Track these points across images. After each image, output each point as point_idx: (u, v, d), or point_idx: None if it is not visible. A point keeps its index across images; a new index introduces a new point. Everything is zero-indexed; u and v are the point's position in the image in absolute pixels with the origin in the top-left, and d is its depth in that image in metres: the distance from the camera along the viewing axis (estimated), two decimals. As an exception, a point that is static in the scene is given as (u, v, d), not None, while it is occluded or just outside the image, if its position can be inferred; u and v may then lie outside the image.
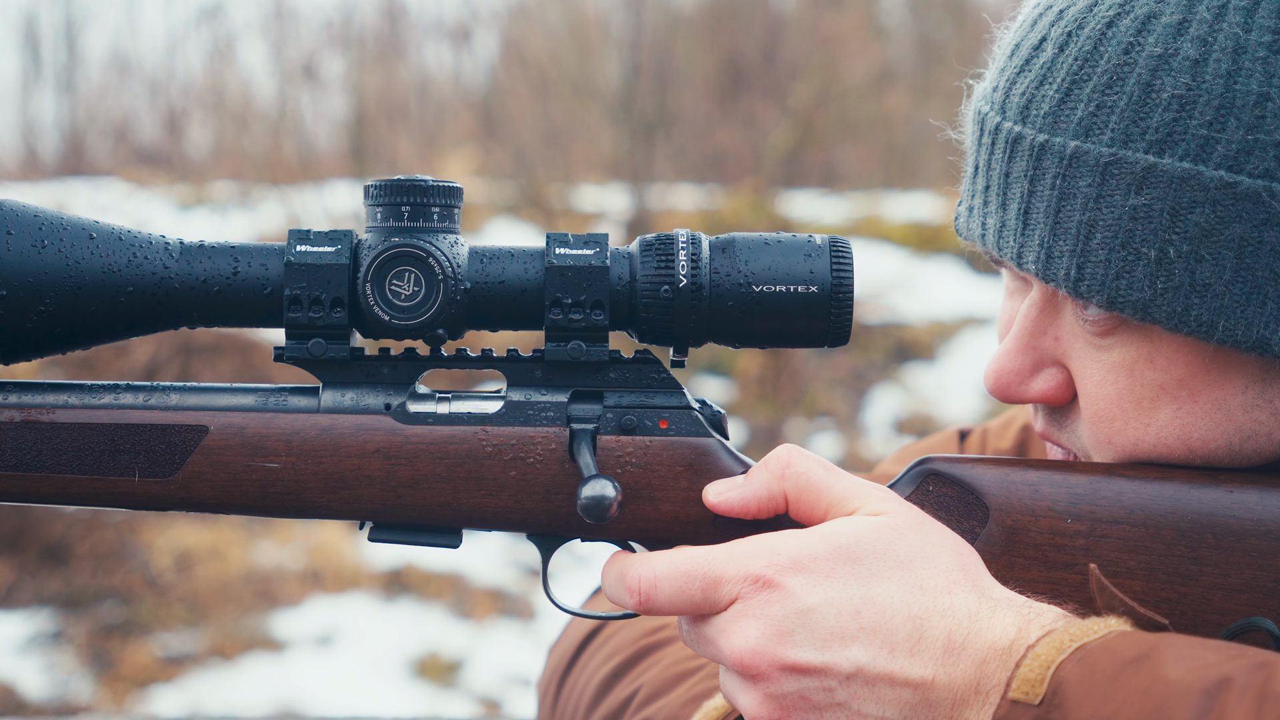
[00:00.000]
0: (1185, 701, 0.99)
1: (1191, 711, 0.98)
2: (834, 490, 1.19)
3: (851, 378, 7.47)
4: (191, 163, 9.73)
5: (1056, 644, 1.07)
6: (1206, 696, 0.99)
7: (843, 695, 1.12)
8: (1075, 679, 1.03)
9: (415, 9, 10.58)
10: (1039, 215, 1.23)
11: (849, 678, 1.12)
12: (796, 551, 1.15)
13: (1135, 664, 1.02)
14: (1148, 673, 1.01)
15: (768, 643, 1.13)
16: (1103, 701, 1.01)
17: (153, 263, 1.24)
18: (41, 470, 1.24)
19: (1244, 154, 1.15)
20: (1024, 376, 1.30)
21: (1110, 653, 1.04)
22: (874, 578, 1.14)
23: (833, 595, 1.13)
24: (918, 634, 1.12)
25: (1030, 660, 1.06)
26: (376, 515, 1.26)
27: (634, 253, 1.25)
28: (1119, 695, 1.01)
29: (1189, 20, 1.18)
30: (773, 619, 1.13)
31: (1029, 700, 1.04)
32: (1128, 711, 1.00)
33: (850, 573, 1.14)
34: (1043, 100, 1.23)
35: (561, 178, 8.99)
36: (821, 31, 9.28)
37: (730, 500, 1.22)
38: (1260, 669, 1.00)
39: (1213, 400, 1.22)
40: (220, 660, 5.53)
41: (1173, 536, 1.21)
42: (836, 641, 1.12)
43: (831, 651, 1.12)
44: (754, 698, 1.14)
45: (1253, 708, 0.97)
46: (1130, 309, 1.19)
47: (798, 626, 1.12)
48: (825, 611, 1.13)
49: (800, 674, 1.12)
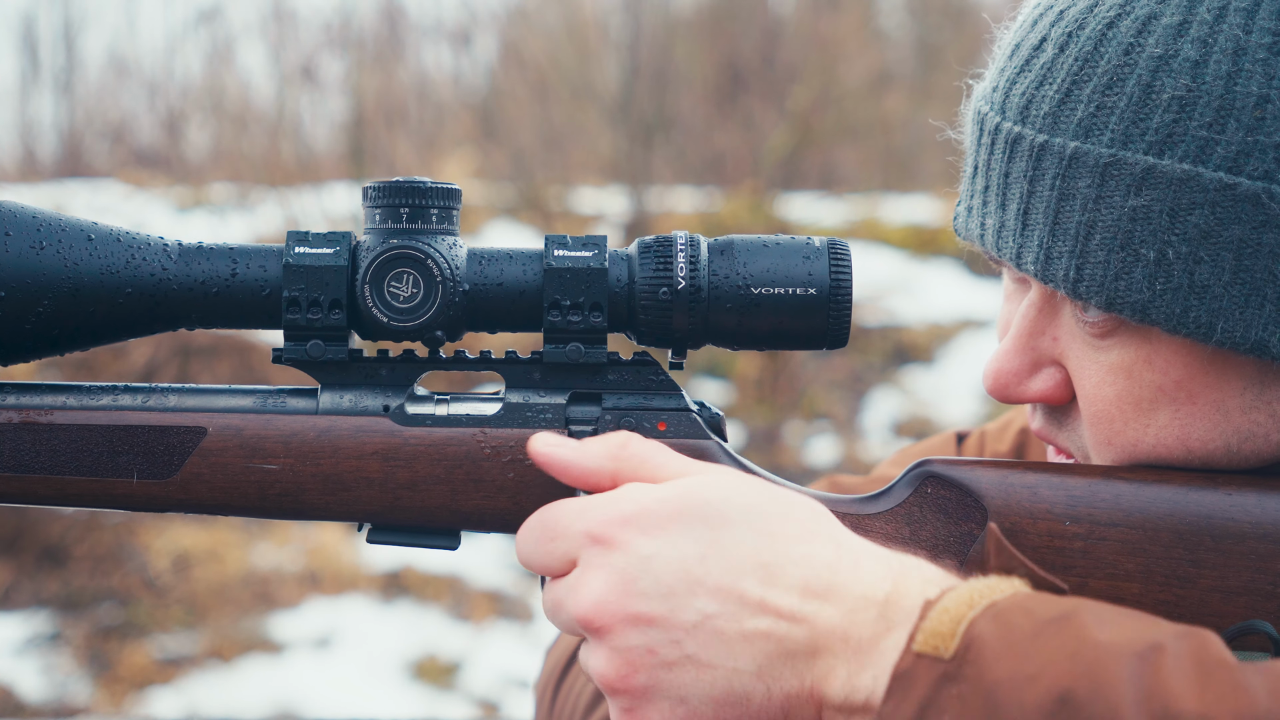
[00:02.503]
0: (1119, 663, 0.96)
1: (1126, 673, 0.95)
2: (669, 466, 1.16)
3: (850, 380, 7.47)
4: (190, 164, 9.72)
5: (966, 599, 1.03)
6: (1140, 660, 0.96)
7: (691, 647, 1.08)
8: (992, 636, 0.99)
9: (414, 11, 10.59)
10: (1038, 216, 1.23)
11: (695, 627, 1.08)
12: (639, 504, 1.11)
13: (1057, 624, 0.99)
14: (1073, 634, 0.98)
15: (611, 593, 1.09)
16: (1023, 660, 0.97)
17: (151, 264, 1.24)
18: (40, 471, 1.24)
19: (1244, 155, 1.15)
20: (1022, 377, 1.30)
21: (1027, 612, 1.00)
22: (722, 526, 1.10)
23: (678, 543, 1.09)
24: (769, 581, 1.08)
25: (938, 614, 1.02)
26: (375, 517, 1.26)
27: (632, 255, 1.25)
28: (1042, 655, 0.97)
29: (1189, 21, 1.17)
30: (616, 569, 1.09)
31: (938, 655, 1.00)
32: (1054, 671, 0.96)
33: (696, 521, 1.10)
34: (1043, 101, 1.23)
35: (560, 180, 9.00)
36: (820, 34, 9.29)
37: (556, 455, 1.17)
38: (1187, 636, 0.98)
39: (1211, 402, 1.22)
40: (218, 662, 5.53)
41: (1171, 539, 1.21)
42: (682, 590, 1.08)
43: (677, 600, 1.08)
44: (601, 655, 1.10)
45: (1192, 674, 0.94)
46: (1129, 310, 1.19)
47: (641, 575, 1.09)
48: (669, 560, 1.09)
49: (645, 625, 1.08)
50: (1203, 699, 0.93)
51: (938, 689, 0.99)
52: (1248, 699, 0.92)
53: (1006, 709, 0.96)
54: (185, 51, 10.14)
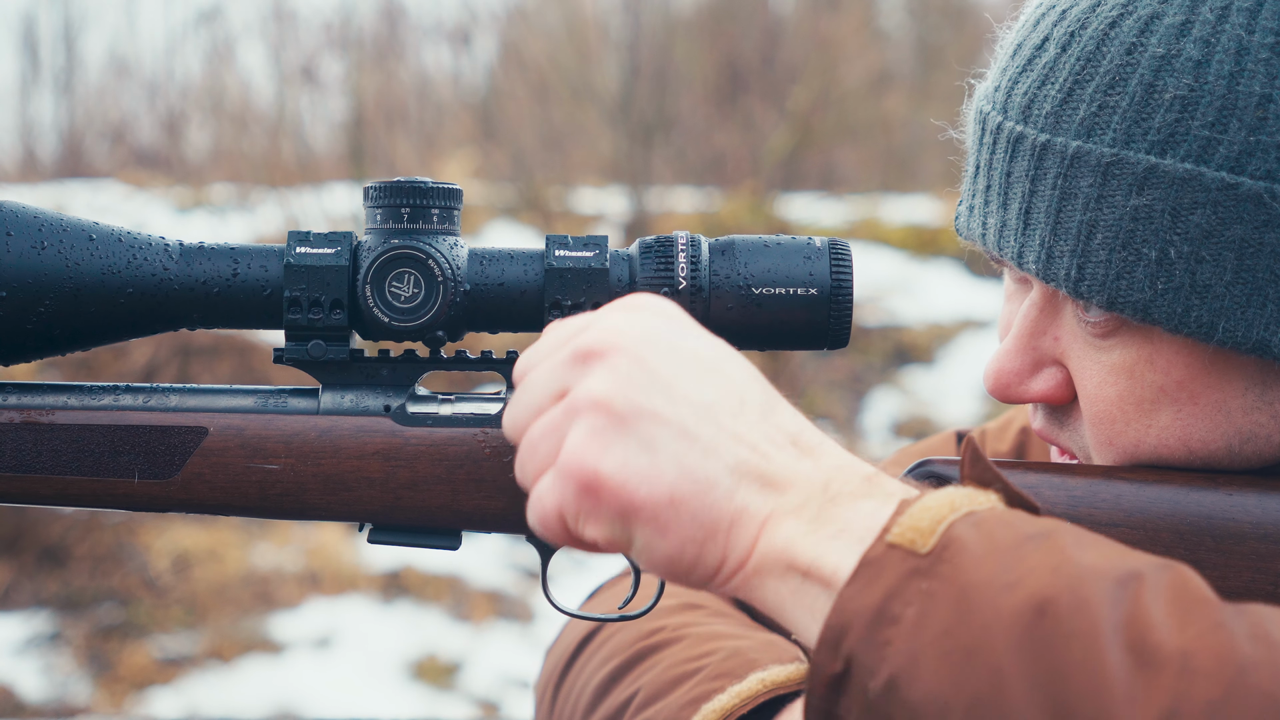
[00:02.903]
0: (1100, 586, 0.93)
1: (1108, 598, 0.92)
2: None
3: (850, 380, 7.47)
4: (190, 165, 9.73)
5: (946, 502, 1.00)
6: (1120, 585, 0.93)
7: (685, 412, 1.03)
8: (972, 540, 0.96)
9: (414, 11, 10.59)
10: (1040, 215, 1.23)
11: (697, 402, 1.04)
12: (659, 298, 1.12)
13: (1037, 540, 0.96)
14: (1056, 551, 0.95)
15: (636, 330, 1.06)
16: (1003, 568, 0.94)
17: (152, 264, 1.24)
18: (41, 471, 1.24)
19: (1246, 155, 1.15)
20: (1023, 376, 1.30)
21: (1008, 525, 0.98)
22: (731, 353, 1.09)
23: (694, 335, 1.08)
24: (768, 409, 1.06)
25: (919, 510, 0.99)
26: (376, 517, 1.26)
27: (633, 255, 1.25)
28: (1023, 566, 0.94)
29: (1192, 21, 1.17)
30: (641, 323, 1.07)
31: (913, 548, 0.97)
32: (1034, 582, 0.93)
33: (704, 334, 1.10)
34: (1045, 100, 1.23)
35: (560, 180, 9.00)
36: (820, 34, 9.29)
37: None
38: (1165, 569, 0.96)
39: (1213, 402, 1.22)
40: (218, 662, 5.53)
41: (1171, 539, 1.21)
42: (696, 371, 1.05)
43: (690, 372, 1.05)
44: (602, 372, 1.05)
45: (1172, 608, 0.92)
46: (1130, 310, 1.19)
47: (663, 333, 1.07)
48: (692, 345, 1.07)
49: (652, 373, 1.04)
50: (1183, 634, 0.91)
51: (906, 581, 0.96)
52: (1228, 638, 0.91)
53: (980, 612, 0.93)
54: (185, 52, 10.14)
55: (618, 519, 1.04)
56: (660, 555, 1.05)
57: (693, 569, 1.05)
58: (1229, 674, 0.89)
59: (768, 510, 1.04)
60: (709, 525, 1.04)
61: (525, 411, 1.09)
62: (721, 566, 1.05)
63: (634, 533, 1.05)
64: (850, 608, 0.96)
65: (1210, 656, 0.90)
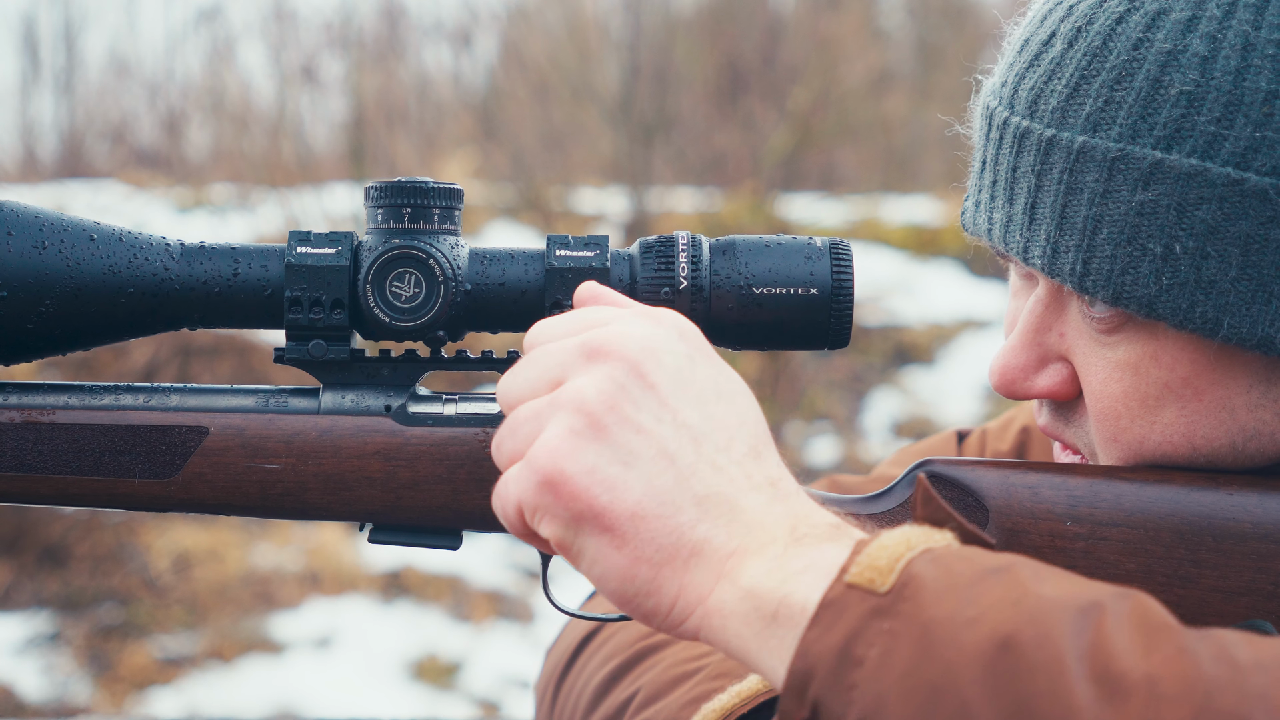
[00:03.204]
0: (1062, 617, 0.93)
1: (1070, 628, 0.92)
2: None
3: (850, 380, 7.47)
4: (190, 165, 9.73)
5: (903, 541, 1.00)
6: (1082, 615, 0.93)
7: (669, 433, 1.04)
8: (931, 577, 0.96)
9: (414, 11, 10.59)
10: (1046, 210, 1.23)
11: (683, 425, 1.05)
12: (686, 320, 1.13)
13: (997, 574, 0.96)
14: (1015, 585, 0.95)
15: (644, 341, 1.07)
16: (964, 603, 0.94)
17: (153, 264, 1.24)
18: (42, 471, 1.24)
19: (1251, 151, 1.15)
20: (1028, 372, 1.30)
21: (966, 560, 0.98)
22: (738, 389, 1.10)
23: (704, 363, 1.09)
24: (756, 449, 1.07)
25: (875, 549, 0.99)
26: (377, 517, 1.26)
27: (634, 255, 1.25)
28: (983, 600, 0.94)
29: (1198, 17, 1.18)
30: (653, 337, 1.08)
31: (872, 588, 0.96)
32: (996, 616, 0.93)
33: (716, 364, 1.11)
34: (1051, 95, 1.23)
35: (560, 180, 9.00)
36: (820, 34, 9.29)
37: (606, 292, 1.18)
38: (1125, 597, 0.96)
39: (1217, 399, 1.22)
40: (218, 662, 5.53)
41: (1172, 539, 1.21)
42: (692, 392, 1.07)
43: (683, 393, 1.06)
44: (597, 375, 1.06)
45: (1135, 635, 0.93)
46: (1135, 305, 1.19)
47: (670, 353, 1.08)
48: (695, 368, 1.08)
49: (648, 388, 1.05)
50: (1148, 660, 0.91)
51: (867, 622, 0.95)
52: (1192, 663, 0.91)
53: (943, 649, 0.93)
54: (186, 51, 10.15)
55: (572, 522, 1.04)
56: (612, 570, 1.04)
57: (645, 594, 1.04)
58: (1196, 698, 0.89)
59: (732, 547, 1.03)
60: (668, 549, 1.03)
61: (520, 387, 1.10)
62: (677, 600, 1.04)
63: (586, 540, 1.04)
64: (813, 651, 0.96)
65: (1176, 681, 0.90)
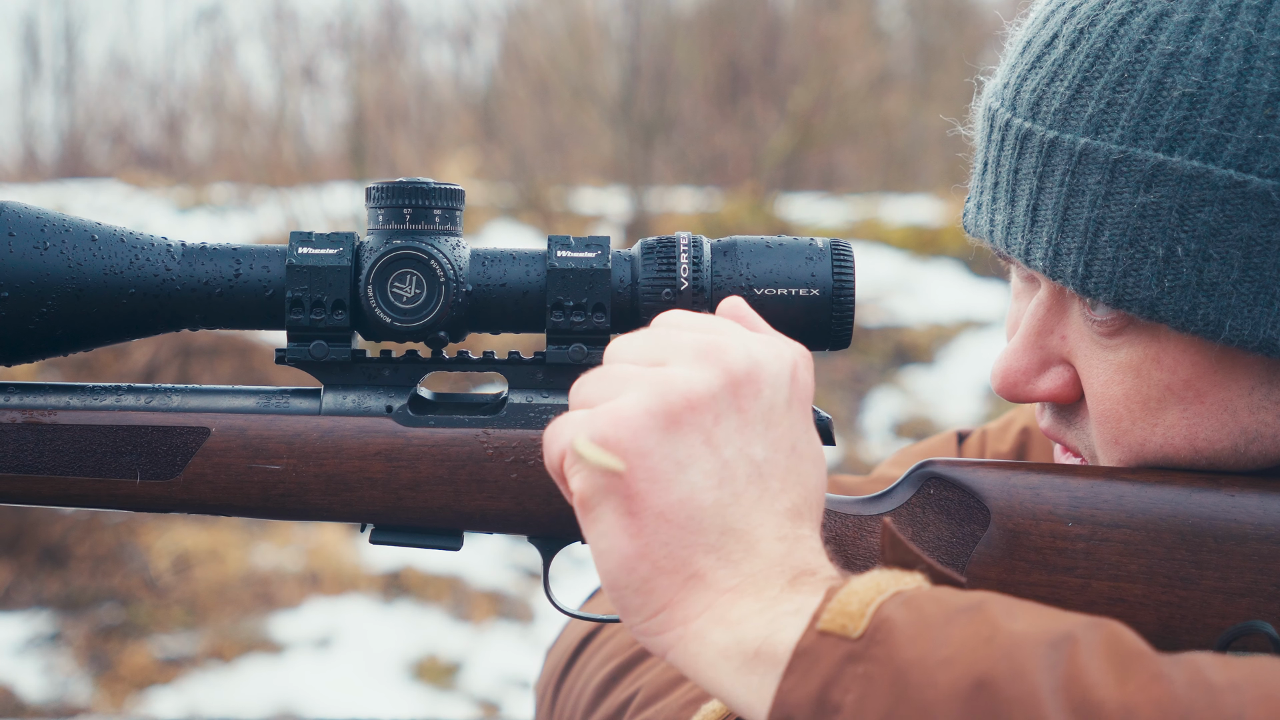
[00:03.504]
0: (1034, 651, 0.93)
1: (1043, 662, 0.93)
2: None
3: (850, 381, 7.47)
4: (191, 165, 9.73)
5: (873, 585, 1.00)
6: (1054, 648, 0.94)
7: (731, 455, 1.05)
8: (902, 620, 0.97)
9: (415, 11, 10.59)
10: (1047, 212, 1.23)
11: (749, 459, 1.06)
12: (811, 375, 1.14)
13: (968, 613, 0.97)
14: (986, 623, 0.96)
15: (757, 367, 1.08)
16: (936, 644, 0.95)
17: (155, 265, 1.24)
18: (43, 472, 1.24)
19: (1254, 153, 1.15)
20: (1030, 375, 1.30)
21: (937, 600, 0.99)
22: (818, 456, 1.12)
23: (799, 416, 1.10)
24: (799, 513, 1.08)
25: (845, 595, 0.99)
26: (378, 517, 1.26)
27: (635, 255, 1.25)
28: (956, 640, 0.95)
29: (1201, 19, 1.18)
30: (769, 363, 1.09)
31: (844, 633, 0.97)
32: (969, 656, 0.94)
33: (810, 425, 1.12)
34: (1053, 97, 1.23)
35: (561, 180, 9.00)
36: (820, 34, 9.29)
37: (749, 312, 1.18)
38: (1096, 627, 0.96)
39: (1219, 401, 1.22)
40: (219, 662, 5.53)
41: (1173, 540, 1.21)
42: (774, 436, 1.08)
43: (766, 434, 1.07)
44: (704, 373, 1.06)
45: (1108, 664, 0.93)
46: (1137, 307, 1.19)
47: (775, 393, 1.09)
48: (788, 417, 1.09)
49: (738, 409, 1.06)
50: (1123, 688, 0.91)
51: (842, 667, 0.96)
52: (1167, 688, 0.91)
53: (919, 690, 0.93)
54: (186, 52, 10.15)
55: (604, 489, 1.04)
56: (616, 550, 1.05)
57: (634, 589, 1.05)
58: None
59: (732, 584, 1.04)
60: (676, 560, 1.04)
61: (627, 350, 1.10)
62: (661, 610, 1.05)
63: (606, 510, 1.04)
64: (790, 700, 0.97)
65: (1152, 707, 0.90)
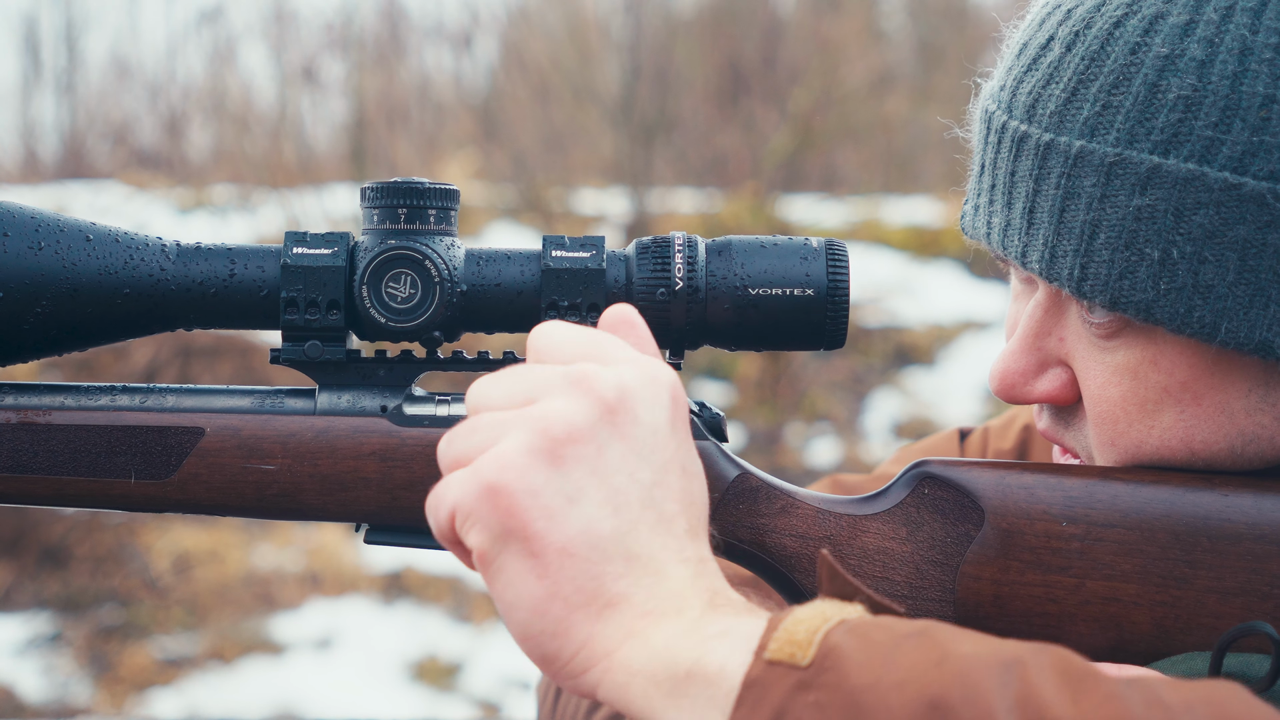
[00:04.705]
0: (986, 673, 0.92)
1: (995, 682, 0.92)
2: None
3: (851, 381, 7.47)
4: (191, 165, 9.74)
5: (818, 614, 0.99)
6: (1005, 669, 0.93)
7: (622, 482, 1.04)
8: (851, 647, 0.95)
9: (415, 12, 10.60)
10: (1043, 214, 1.23)
11: (639, 484, 1.04)
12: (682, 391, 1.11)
13: (915, 638, 0.96)
14: (935, 646, 0.95)
15: (630, 390, 1.06)
16: (887, 668, 0.94)
17: (149, 265, 1.24)
18: (38, 472, 1.24)
19: (1249, 156, 1.15)
20: (1028, 377, 1.30)
21: (883, 627, 0.97)
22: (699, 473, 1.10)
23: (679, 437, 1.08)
24: (695, 533, 1.06)
25: (791, 624, 0.98)
26: (373, 517, 1.26)
27: (630, 255, 1.25)
28: (906, 663, 0.94)
29: (1196, 21, 1.18)
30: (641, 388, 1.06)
31: (793, 662, 0.95)
32: (921, 678, 0.92)
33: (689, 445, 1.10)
34: (1049, 99, 1.23)
35: (561, 181, 9.01)
36: (821, 35, 9.29)
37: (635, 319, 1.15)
38: (1043, 651, 0.95)
39: (1216, 403, 1.22)
40: (219, 663, 5.53)
41: (1167, 540, 1.21)
42: (658, 459, 1.06)
43: (652, 458, 1.05)
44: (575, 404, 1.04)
45: (1061, 684, 0.92)
46: (1133, 310, 1.19)
47: (652, 413, 1.06)
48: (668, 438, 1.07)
49: (619, 435, 1.04)
50: (1078, 707, 0.90)
51: (792, 696, 0.94)
52: (1124, 708, 0.90)
53: (872, 714, 0.92)
54: (187, 52, 10.15)
55: (501, 537, 1.02)
56: (525, 597, 1.02)
57: (551, 634, 1.02)
58: None
59: (649, 607, 1.02)
60: (587, 593, 1.02)
61: (492, 395, 1.07)
62: (581, 649, 1.02)
63: (509, 559, 1.02)
64: None
65: None
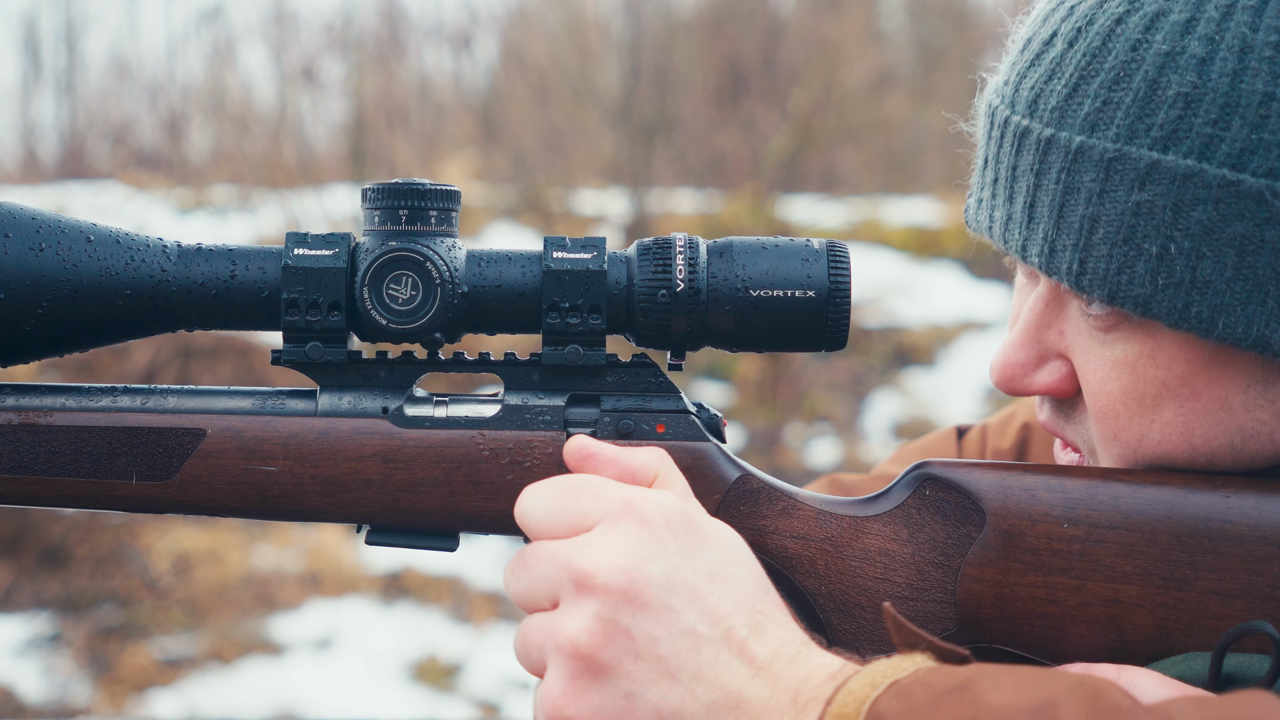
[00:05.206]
0: None
1: None
2: None
3: (850, 382, 7.47)
4: (191, 166, 9.73)
5: (870, 680, 1.04)
6: (1034, 716, 0.96)
7: (667, 651, 1.08)
8: (894, 712, 1.00)
9: (415, 12, 10.59)
10: (1044, 209, 1.23)
11: (680, 635, 1.09)
12: (668, 499, 1.15)
13: (954, 694, 1.00)
14: (969, 701, 0.99)
15: (626, 560, 1.10)
16: None
17: (150, 266, 1.24)
18: (39, 473, 1.24)
19: (1247, 153, 1.15)
20: (1028, 369, 1.31)
21: (926, 686, 1.02)
22: (732, 559, 1.13)
23: (695, 554, 1.12)
24: (757, 628, 1.10)
25: (843, 696, 1.03)
26: (374, 518, 1.26)
27: (631, 256, 1.25)
28: None
29: (1197, 18, 1.18)
30: (639, 543, 1.11)
31: None
32: None
33: (715, 542, 1.14)
34: (1051, 95, 1.24)
35: (561, 182, 9.00)
36: (821, 36, 9.29)
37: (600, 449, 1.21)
38: (1078, 688, 0.99)
39: (1215, 399, 1.22)
40: (219, 663, 5.53)
41: (1169, 541, 1.21)
42: (685, 596, 1.10)
43: (677, 601, 1.09)
44: (583, 615, 1.09)
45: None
46: (1131, 304, 1.19)
47: (657, 560, 1.10)
48: (684, 564, 1.11)
49: (639, 608, 1.09)
50: None
51: None
52: None
53: None
54: (186, 53, 10.15)
55: None
56: None
57: None
58: None
59: None
60: None
61: (521, 596, 1.15)
62: None
63: None
64: None
65: None
